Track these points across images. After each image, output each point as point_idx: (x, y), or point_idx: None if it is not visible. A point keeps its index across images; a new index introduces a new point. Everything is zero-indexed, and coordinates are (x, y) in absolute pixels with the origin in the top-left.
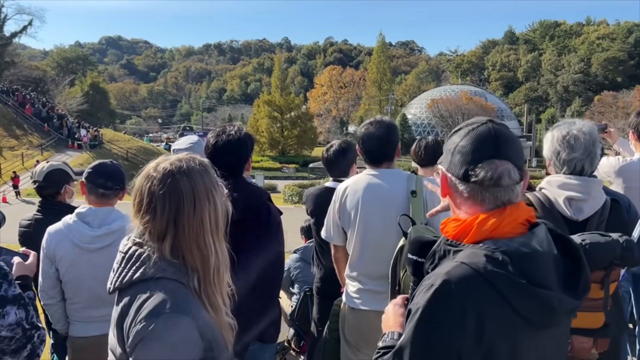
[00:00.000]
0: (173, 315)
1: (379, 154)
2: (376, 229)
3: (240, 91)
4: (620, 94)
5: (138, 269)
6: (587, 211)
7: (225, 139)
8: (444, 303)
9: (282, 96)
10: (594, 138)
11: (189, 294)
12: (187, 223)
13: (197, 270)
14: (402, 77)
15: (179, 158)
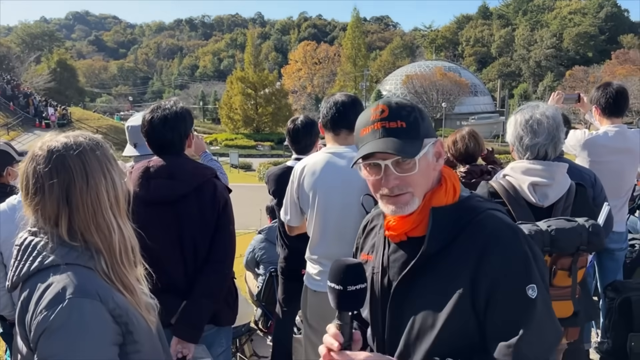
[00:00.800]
0: (77, 300)
1: (342, 116)
2: (336, 209)
3: (213, 67)
4: (591, 68)
5: (35, 258)
6: (552, 197)
7: (161, 115)
8: (528, 240)
9: (256, 72)
10: (557, 122)
11: (95, 277)
12: (82, 201)
13: (102, 252)
14: (377, 53)
15: (67, 135)
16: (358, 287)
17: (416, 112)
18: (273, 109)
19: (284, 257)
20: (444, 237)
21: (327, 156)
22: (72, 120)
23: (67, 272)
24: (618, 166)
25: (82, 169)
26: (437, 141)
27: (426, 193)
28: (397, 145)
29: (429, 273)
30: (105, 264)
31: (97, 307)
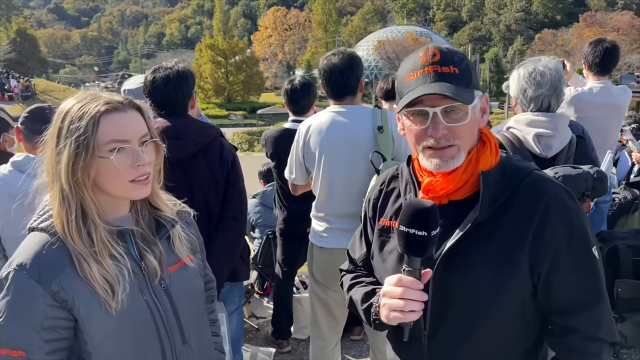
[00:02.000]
0: (14, 273)
1: (343, 87)
2: (343, 167)
3: (181, 35)
4: (560, 31)
5: (33, 218)
6: (555, 147)
7: (164, 74)
8: (579, 206)
9: (225, 40)
10: (559, 74)
11: (53, 250)
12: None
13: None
14: (348, 19)
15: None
16: (435, 233)
17: (467, 61)
18: (244, 77)
19: (282, 219)
20: (495, 202)
21: (332, 115)
22: (36, 92)
23: (30, 240)
24: (603, 122)
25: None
26: (483, 96)
27: (471, 150)
28: (453, 89)
29: (480, 239)
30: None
31: (29, 288)
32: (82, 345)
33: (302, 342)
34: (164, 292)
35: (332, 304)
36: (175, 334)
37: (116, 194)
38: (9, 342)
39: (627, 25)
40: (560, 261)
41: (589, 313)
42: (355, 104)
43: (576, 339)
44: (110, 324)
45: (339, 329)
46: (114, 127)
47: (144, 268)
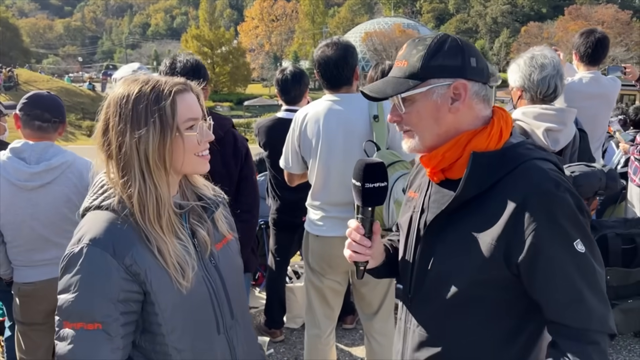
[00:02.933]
0: (89, 248)
1: (338, 78)
2: (339, 156)
3: (166, 26)
4: (545, 24)
5: (91, 197)
6: (562, 142)
7: (184, 60)
8: (573, 192)
9: (212, 30)
10: (556, 58)
11: (121, 227)
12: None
13: (132, 203)
14: (335, 10)
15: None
16: (376, 185)
17: (428, 50)
18: (231, 68)
19: (275, 208)
20: (482, 183)
21: (328, 104)
22: (19, 83)
23: (97, 217)
24: (592, 111)
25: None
26: (454, 83)
27: (460, 133)
28: (381, 85)
29: (463, 218)
30: (135, 214)
31: (105, 260)
32: (152, 317)
33: (295, 331)
34: (214, 267)
35: (328, 292)
36: (224, 309)
37: (185, 170)
38: (84, 315)
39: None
40: (540, 253)
41: (574, 308)
42: (351, 93)
43: (565, 335)
44: (177, 296)
45: (334, 317)
46: (187, 106)
47: (196, 245)
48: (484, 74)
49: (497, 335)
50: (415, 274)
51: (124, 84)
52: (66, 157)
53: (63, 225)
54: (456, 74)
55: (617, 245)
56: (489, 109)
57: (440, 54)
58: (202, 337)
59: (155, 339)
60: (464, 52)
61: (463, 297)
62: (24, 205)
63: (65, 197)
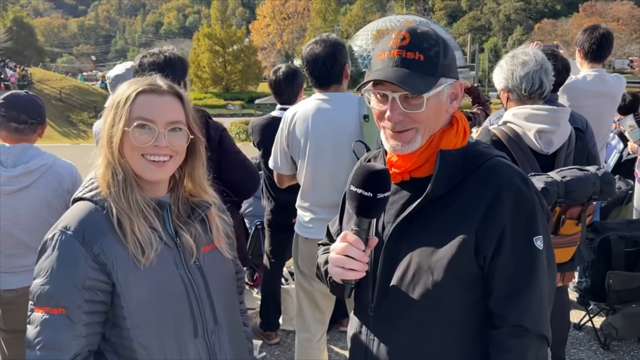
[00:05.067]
0: (59, 234)
1: (327, 76)
2: (328, 156)
3: (179, 24)
4: (559, 21)
5: (80, 190)
6: (556, 143)
7: (150, 60)
8: (537, 193)
9: (223, 29)
10: (540, 54)
11: (94, 215)
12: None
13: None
14: (347, 8)
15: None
16: (382, 196)
17: (439, 46)
18: (242, 66)
19: (270, 209)
20: (450, 181)
21: (318, 102)
22: (32, 82)
23: (76, 207)
24: (596, 110)
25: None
26: (455, 82)
27: (435, 133)
28: (407, 78)
29: (431, 215)
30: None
31: (73, 248)
32: (118, 310)
33: (291, 333)
34: (198, 269)
35: (318, 296)
36: (207, 313)
37: (137, 171)
38: (50, 299)
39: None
40: (502, 245)
41: (517, 300)
42: (340, 92)
43: (499, 327)
44: (144, 290)
45: (325, 321)
46: (144, 106)
47: (179, 244)
48: (458, 75)
49: (464, 338)
50: (379, 280)
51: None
52: (45, 160)
53: (44, 229)
54: (455, 73)
55: (620, 248)
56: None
57: (447, 51)
58: (173, 337)
59: (121, 332)
60: (453, 54)
61: (434, 300)
62: (2, 210)
63: (45, 200)
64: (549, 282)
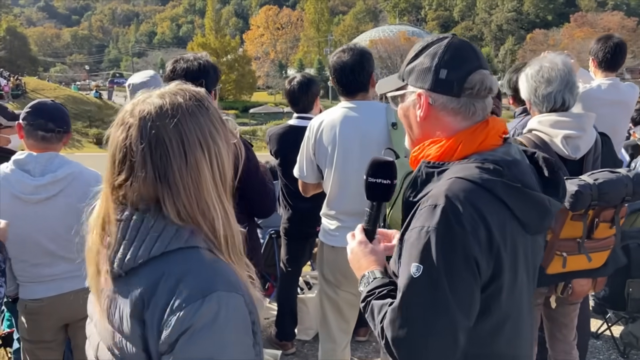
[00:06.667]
0: (224, 294)
1: (354, 84)
2: (355, 164)
3: (172, 34)
4: (551, 32)
5: (152, 239)
6: (583, 148)
7: (184, 66)
8: (456, 218)
9: (217, 38)
10: (568, 68)
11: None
12: (182, 182)
13: (210, 239)
14: (340, 18)
15: (162, 94)
16: (378, 181)
17: (415, 52)
18: (236, 76)
19: (287, 218)
20: (415, 193)
21: (344, 111)
22: (26, 91)
23: (203, 259)
24: (611, 119)
25: (179, 143)
26: (418, 92)
27: (421, 139)
28: (384, 80)
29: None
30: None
31: (241, 303)
32: None
33: (307, 343)
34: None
35: (343, 304)
36: None
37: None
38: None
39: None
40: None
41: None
42: (367, 100)
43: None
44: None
45: (349, 331)
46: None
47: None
48: (453, 87)
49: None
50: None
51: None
52: (72, 168)
53: (71, 238)
54: (423, 83)
55: None
56: (470, 120)
57: (418, 59)
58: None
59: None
60: (437, 61)
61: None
62: (30, 218)
63: (72, 209)
64: (429, 314)
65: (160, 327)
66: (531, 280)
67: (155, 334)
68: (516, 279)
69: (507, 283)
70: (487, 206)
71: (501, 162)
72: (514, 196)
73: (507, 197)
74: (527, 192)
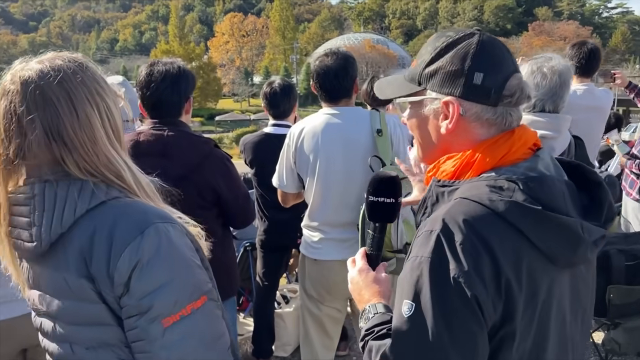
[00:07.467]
0: (161, 225)
1: (337, 89)
2: (339, 173)
3: (135, 41)
4: (510, 40)
5: (72, 202)
6: (557, 150)
7: (162, 69)
8: (451, 247)
9: (182, 45)
10: (562, 79)
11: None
12: (77, 139)
13: (127, 190)
14: (306, 26)
15: (40, 60)
16: (381, 200)
17: (436, 51)
18: (201, 83)
19: (263, 229)
20: (425, 211)
21: (327, 117)
22: None
23: (127, 203)
24: (587, 124)
25: (67, 100)
26: (445, 99)
27: (438, 152)
28: (385, 84)
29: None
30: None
31: (178, 230)
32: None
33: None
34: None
35: (326, 320)
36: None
37: None
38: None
39: (573, 34)
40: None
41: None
42: (350, 106)
43: None
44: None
45: (333, 347)
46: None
47: None
48: (490, 95)
49: None
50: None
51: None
52: None
53: None
54: (451, 89)
55: (621, 262)
56: (499, 132)
57: (443, 59)
58: None
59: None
60: (470, 63)
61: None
62: None
63: None
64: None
65: (110, 274)
66: (579, 324)
67: (108, 282)
68: (533, 324)
69: (522, 329)
70: (495, 233)
71: (519, 179)
72: (532, 221)
73: (522, 223)
74: (550, 215)
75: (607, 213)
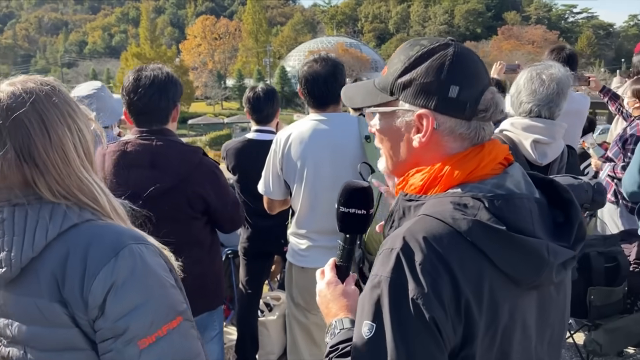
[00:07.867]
0: (135, 246)
1: (326, 95)
2: (327, 180)
3: (104, 44)
4: (480, 44)
5: (42, 225)
6: (550, 155)
7: (150, 74)
8: (410, 266)
9: (153, 48)
10: (560, 87)
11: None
12: (50, 161)
13: (99, 211)
14: (278, 29)
15: (12, 82)
16: (352, 211)
17: (409, 60)
18: None
19: (247, 237)
20: (392, 226)
21: (314, 123)
22: None
23: (100, 226)
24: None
25: (39, 122)
26: (418, 112)
27: (408, 165)
28: (355, 91)
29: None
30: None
31: (152, 250)
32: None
33: None
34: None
35: (314, 329)
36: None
37: None
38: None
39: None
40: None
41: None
42: (338, 112)
43: None
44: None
45: (321, 356)
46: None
47: None
48: (465, 109)
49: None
50: None
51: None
52: None
53: None
54: (425, 101)
55: (600, 264)
56: (471, 146)
57: (417, 69)
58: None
59: None
60: (446, 75)
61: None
62: None
63: None
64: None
65: (84, 296)
66: (545, 345)
67: (82, 305)
68: (494, 346)
69: (482, 352)
70: (456, 253)
71: (485, 197)
72: (495, 242)
73: (485, 243)
74: (514, 237)
75: (577, 233)
